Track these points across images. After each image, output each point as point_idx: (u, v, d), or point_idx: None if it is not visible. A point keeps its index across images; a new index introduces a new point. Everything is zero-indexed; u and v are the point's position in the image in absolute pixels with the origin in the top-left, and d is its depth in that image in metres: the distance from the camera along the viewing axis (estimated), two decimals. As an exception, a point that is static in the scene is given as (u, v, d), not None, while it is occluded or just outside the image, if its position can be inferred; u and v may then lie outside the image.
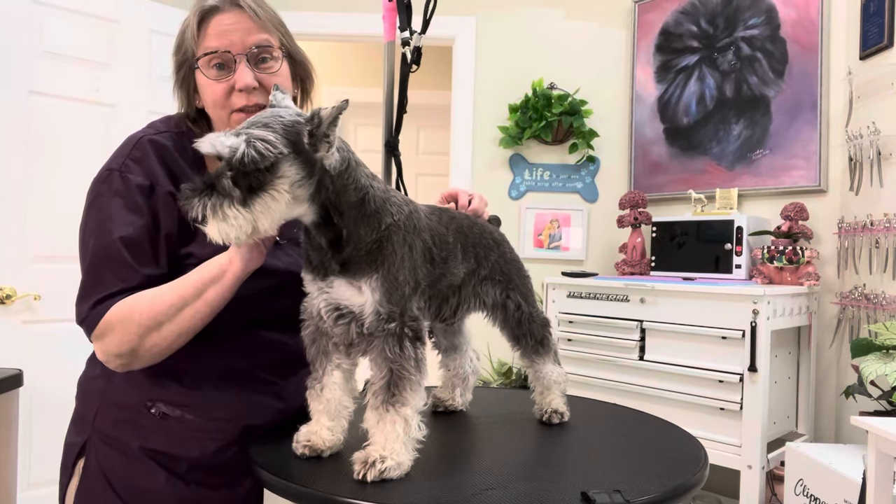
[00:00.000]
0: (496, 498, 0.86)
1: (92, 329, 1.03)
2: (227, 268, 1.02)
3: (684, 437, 1.19)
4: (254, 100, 1.09)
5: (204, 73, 1.10)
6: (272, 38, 1.12)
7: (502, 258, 1.22)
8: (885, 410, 2.05)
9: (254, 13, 1.09)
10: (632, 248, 2.99)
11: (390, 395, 0.93)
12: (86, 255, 1.06)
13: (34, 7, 2.39)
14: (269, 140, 0.85)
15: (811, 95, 2.64)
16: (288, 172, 0.88)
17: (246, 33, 1.09)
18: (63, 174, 2.42)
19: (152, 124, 1.16)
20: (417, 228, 1.02)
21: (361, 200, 0.96)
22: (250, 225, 0.86)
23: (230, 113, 1.11)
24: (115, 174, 1.07)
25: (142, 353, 1.03)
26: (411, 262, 0.99)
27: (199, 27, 1.10)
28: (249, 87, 1.08)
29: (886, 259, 2.22)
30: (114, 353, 1.03)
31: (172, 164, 1.11)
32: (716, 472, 2.33)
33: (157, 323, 1.01)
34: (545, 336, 1.24)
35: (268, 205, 0.87)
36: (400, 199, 1.02)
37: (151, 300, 1.02)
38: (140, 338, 1.01)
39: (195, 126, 1.16)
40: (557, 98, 3.19)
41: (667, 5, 3.14)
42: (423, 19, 1.51)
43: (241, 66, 1.08)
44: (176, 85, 1.16)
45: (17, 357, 2.23)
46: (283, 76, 1.14)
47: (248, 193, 0.85)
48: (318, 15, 3.35)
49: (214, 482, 1.12)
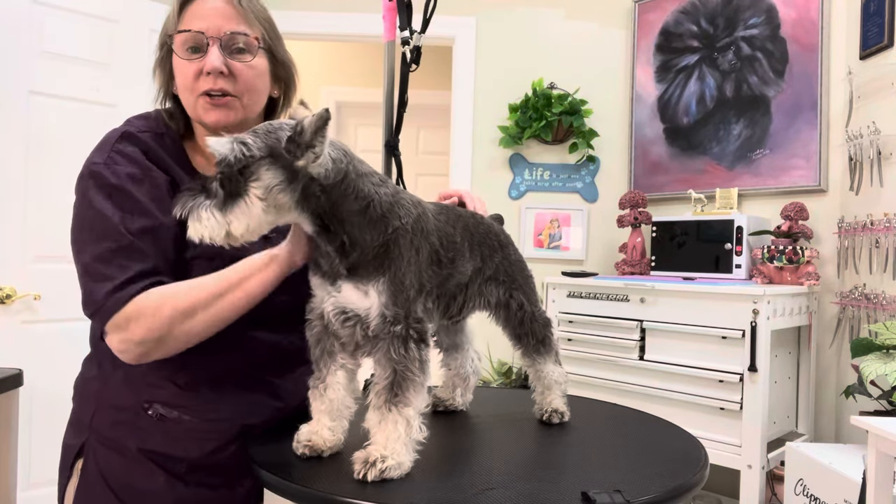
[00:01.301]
0: (496, 498, 0.86)
1: (109, 317, 1.00)
2: (270, 262, 1.03)
3: (684, 437, 1.19)
4: (220, 84, 1.08)
5: (177, 53, 1.09)
6: (251, 30, 1.11)
7: (507, 259, 1.22)
8: (885, 410, 2.05)
9: (237, 2, 1.09)
10: (632, 248, 2.99)
11: (393, 395, 0.93)
12: (85, 251, 1.04)
13: (34, 7, 2.39)
14: (246, 143, 0.87)
15: (811, 95, 2.65)
16: (264, 177, 0.88)
17: (224, 19, 1.08)
18: (63, 174, 2.39)
19: (130, 121, 1.15)
20: (425, 231, 1.02)
21: (365, 208, 0.96)
22: (223, 228, 0.88)
23: (197, 97, 1.09)
24: (101, 167, 1.06)
25: (169, 340, 1.01)
26: (417, 265, 0.99)
27: (181, 9, 1.09)
28: (216, 69, 1.07)
29: (886, 259, 2.22)
30: (137, 340, 0.99)
31: (156, 158, 1.11)
32: (716, 472, 2.33)
33: (193, 310, 1.00)
34: (546, 336, 1.24)
35: (243, 209, 0.88)
36: (409, 202, 1.02)
37: (190, 287, 1.02)
38: (171, 325, 1.00)
39: (172, 121, 1.16)
40: (557, 98, 3.19)
41: (667, 5, 3.14)
42: (423, 19, 1.51)
43: (212, 49, 1.07)
44: (156, 64, 1.15)
45: (17, 357, 2.23)
46: (257, 70, 1.12)
47: (228, 196, 0.88)
48: (318, 15, 3.35)
49: (214, 482, 1.12)
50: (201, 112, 1.10)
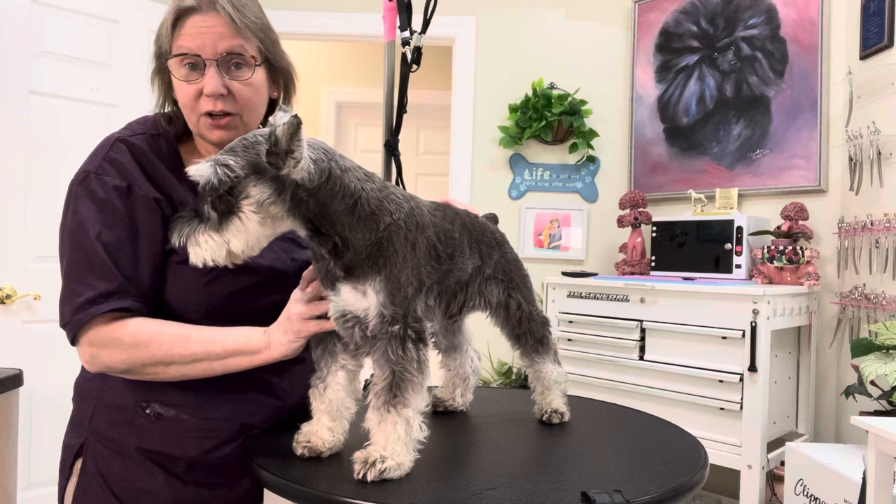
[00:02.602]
0: (496, 498, 0.87)
1: (74, 333, 1.03)
2: (262, 350, 1.04)
3: (684, 437, 1.19)
4: (220, 106, 1.07)
5: (174, 72, 1.09)
6: (247, 45, 1.09)
7: (504, 258, 1.22)
8: (885, 410, 2.05)
9: (230, 18, 1.06)
10: (632, 248, 2.99)
11: (392, 395, 0.93)
12: (63, 258, 1.06)
13: (34, 7, 2.39)
14: (229, 164, 0.88)
15: (811, 95, 2.65)
16: (253, 193, 0.89)
17: (219, 38, 1.06)
18: (63, 174, 2.40)
19: (129, 125, 1.15)
20: (420, 225, 1.02)
21: (353, 206, 0.95)
22: (223, 248, 0.90)
23: (199, 116, 1.09)
24: (91, 176, 1.07)
25: (135, 374, 1.05)
26: (414, 261, 0.99)
27: (174, 25, 1.08)
28: (216, 93, 1.06)
29: (886, 259, 2.22)
30: (106, 363, 1.04)
31: (149, 166, 1.10)
32: (716, 472, 2.33)
33: (170, 361, 1.03)
34: (545, 335, 1.24)
35: (238, 227, 0.90)
36: (399, 197, 1.01)
37: (176, 337, 1.03)
38: (143, 366, 1.04)
39: (171, 125, 1.16)
40: (557, 98, 3.19)
41: (667, 5, 3.14)
42: (423, 19, 1.51)
43: (209, 72, 1.06)
44: (153, 72, 1.15)
45: (17, 357, 2.23)
46: (256, 86, 1.12)
47: (222, 217, 0.89)
48: (318, 15, 3.35)
49: (213, 482, 1.12)
50: (204, 130, 1.10)
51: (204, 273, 1.04)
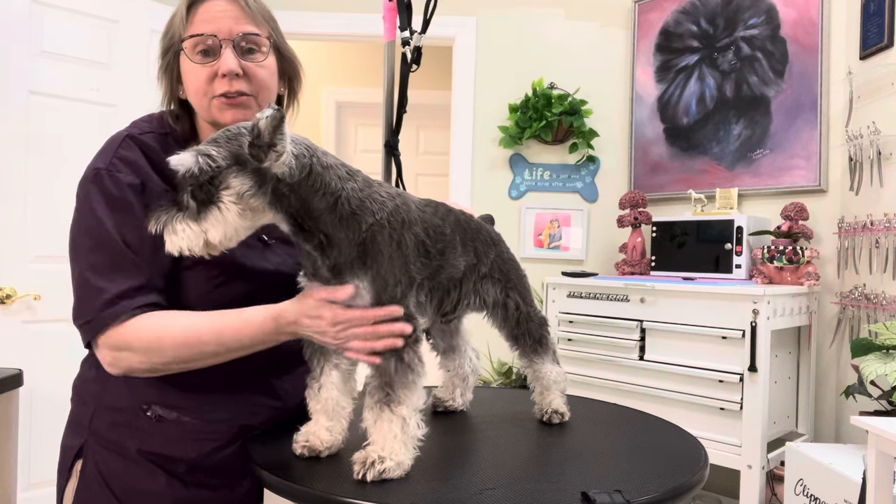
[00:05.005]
0: (496, 498, 0.87)
1: (98, 332, 1.01)
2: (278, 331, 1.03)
3: (684, 437, 1.19)
4: (236, 86, 1.08)
5: (189, 57, 1.09)
6: (261, 30, 1.11)
7: (500, 257, 1.22)
8: (885, 410, 2.05)
9: (245, 3, 1.09)
10: (632, 248, 2.99)
11: (385, 394, 0.93)
12: (80, 258, 1.04)
13: (34, 7, 2.39)
14: (210, 154, 0.87)
15: (811, 95, 2.64)
16: (233, 184, 0.88)
17: (234, 21, 1.08)
18: (63, 174, 2.41)
19: (136, 123, 1.15)
20: (406, 222, 1.01)
21: (334, 204, 0.94)
22: (200, 238, 0.89)
23: (211, 99, 1.09)
24: (103, 173, 1.06)
25: (159, 372, 1.05)
26: (402, 259, 0.98)
27: (189, 12, 1.09)
28: (232, 72, 1.07)
29: (886, 259, 2.22)
30: (130, 366, 1.03)
31: (160, 163, 1.10)
32: (716, 472, 2.33)
33: (191, 360, 1.03)
34: (543, 335, 1.24)
35: (217, 217, 0.89)
36: (383, 195, 1.00)
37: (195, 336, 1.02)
38: (167, 366, 1.03)
39: (177, 123, 1.16)
40: (557, 98, 3.19)
41: (667, 5, 3.14)
42: (423, 19, 1.51)
43: (226, 52, 1.07)
44: (161, 70, 1.15)
45: (17, 357, 2.23)
46: (269, 69, 1.13)
47: (201, 206, 0.88)
48: (318, 15, 3.35)
49: (214, 483, 1.12)
50: (216, 113, 1.10)
51: (212, 277, 1.04)
